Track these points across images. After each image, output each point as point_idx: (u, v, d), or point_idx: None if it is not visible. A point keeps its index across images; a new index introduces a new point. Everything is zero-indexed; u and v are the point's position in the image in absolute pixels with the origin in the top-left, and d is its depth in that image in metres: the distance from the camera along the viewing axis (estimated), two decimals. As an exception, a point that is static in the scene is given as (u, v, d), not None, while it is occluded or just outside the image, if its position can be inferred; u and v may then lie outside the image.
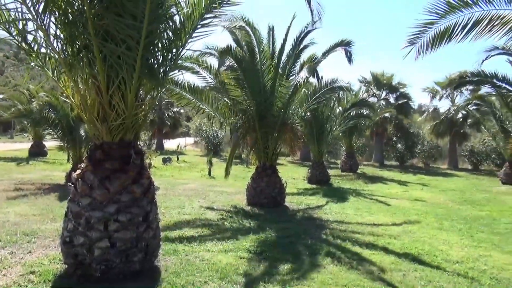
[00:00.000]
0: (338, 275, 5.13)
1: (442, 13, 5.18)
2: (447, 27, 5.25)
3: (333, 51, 10.20)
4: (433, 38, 5.40)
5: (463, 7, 5.00)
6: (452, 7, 5.06)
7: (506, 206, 11.54)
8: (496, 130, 18.24)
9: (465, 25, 5.11)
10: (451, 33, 5.23)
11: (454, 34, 5.21)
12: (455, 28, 5.18)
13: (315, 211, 9.68)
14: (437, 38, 5.37)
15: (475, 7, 4.96)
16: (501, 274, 5.41)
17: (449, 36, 5.25)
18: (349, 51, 9.98)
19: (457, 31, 5.17)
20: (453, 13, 5.12)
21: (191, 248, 6.06)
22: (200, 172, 17.55)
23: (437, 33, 5.35)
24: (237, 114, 10.33)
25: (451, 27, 5.22)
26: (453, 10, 5.09)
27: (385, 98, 28.38)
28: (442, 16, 5.21)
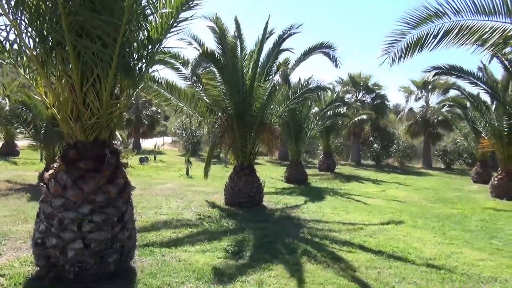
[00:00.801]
0: (315, 274, 5.17)
1: (414, 24, 5.35)
2: (419, 37, 5.41)
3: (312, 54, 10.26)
4: (406, 47, 5.55)
5: (433, 17, 5.16)
6: (424, 17, 5.22)
7: (477, 204, 11.90)
8: (467, 130, 18.78)
9: (436, 34, 5.27)
10: (423, 42, 5.39)
11: (426, 43, 5.37)
12: (427, 38, 5.34)
13: (292, 210, 9.74)
14: (410, 47, 5.52)
15: (444, 18, 5.12)
16: (472, 270, 5.57)
17: (421, 45, 5.40)
18: (333, 55, 10.05)
19: (429, 40, 5.33)
20: (424, 23, 5.28)
21: (167, 249, 6.00)
22: (177, 171, 17.40)
23: (410, 42, 5.50)
24: (216, 114, 10.29)
25: (423, 36, 5.38)
26: (425, 21, 5.25)
27: (362, 99, 28.80)
28: (414, 27, 5.37)
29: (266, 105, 10.03)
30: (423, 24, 5.28)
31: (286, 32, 9.93)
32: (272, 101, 10.47)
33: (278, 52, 10.14)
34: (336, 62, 10.10)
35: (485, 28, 4.78)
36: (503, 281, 5.19)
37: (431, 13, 5.13)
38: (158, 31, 4.98)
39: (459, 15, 5.00)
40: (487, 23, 4.80)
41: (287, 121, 15.43)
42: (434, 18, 5.16)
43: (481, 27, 4.83)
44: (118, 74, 4.76)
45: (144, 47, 5.01)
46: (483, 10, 4.78)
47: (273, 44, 10.07)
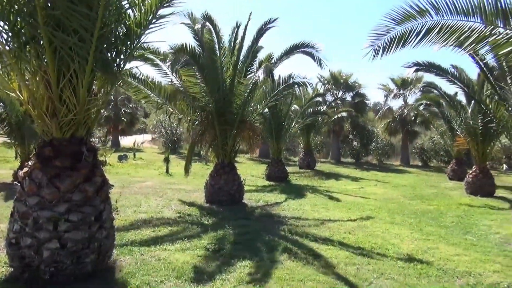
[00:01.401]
0: (295, 271, 5.20)
1: (399, 20, 5.46)
2: (403, 33, 5.52)
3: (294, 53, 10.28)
4: (390, 41, 5.64)
5: (417, 16, 5.26)
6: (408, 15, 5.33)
7: (453, 200, 12.18)
8: (444, 129, 19.20)
9: (419, 32, 5.38)
10: (406, 38, 5.50)
11: (409, 39, 5.48)
12: (410, 34, 5.45)
13: (273, 207, 9.77)
14: (393, 41, 5.62)
15: (427, 16, 5.23)
16: (447, 265, 5.70)
17: (404, 41, 5.51)
18: (317, 55, 10.09)
19: (412, 37, 5.44)
20: (408, 20, 5.39)
21: (147, 248, 5.93)
22: (157, 169, 17.22)
23: (394, 37, 5.60)
24: (196, 111, 10.21)
25: (406, 33, 5.49)
26: (409, 18, 5.35)
27: (342, 97, 29.08)
28: (399, 23, 5.47)
29: (247, 102, 10.01)
30: (407, 21, 5.38)
31: (263, 28, 9.87)
32: (253, 98, 10.46)
33: (256, 49, 10.09)
34: (320, 62, 10.16)
35: (464, 28, 4.90)
36: (477, 275, 5.33)
37: (415, 11, 5.22)
38: (137, 26, 4.90)
39: (441, 14, 5.10)
40: (466, 23, 4.92)
41: (268, 119, 15.49)
42: (417, 16, 5.26)
43: (461, 27, 4.94)
44: (96, 69, 4.67)
45: (122, 42, 4.93)
46: (462, 11, 4.90)
47: (251, 41, 10.02)
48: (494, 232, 7.97)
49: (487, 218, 9.36)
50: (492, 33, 4.64)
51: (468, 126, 13.97)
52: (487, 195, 13.22)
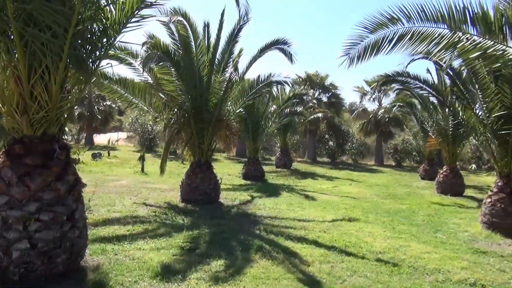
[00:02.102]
0: (270, 269, 5.24)
1: (372, 28, 5.60)
2: (376, 40, 5.65)
3: (268, 51, 10.31)
4: (364, 49, 5.77)
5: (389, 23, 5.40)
6: (380, 23, 5.46)
7: (424, 199, 12.51)
8: (416, 130, 19.69)
9: (391, 39, 5.53)
10: (379, 46, 5.63)
11: (382, 47, 5.62)
12: (383, 42, 5.59)
13: (249, 207, 9.79)
14: (367, 50, 5.75)
15: (399, 24, 5.38)
16: (418, 263, 5.87)
17: (378, 48, 5.64)
18: (289, 50, 10.14)
19: (385, 44, 5.57)
20: (381, 28, 5.53)
21: (121, 247, 5.85)
22: (132, 168, 16.97)
23: (367, 45, 5.73)
24: (172, 109, 10.12)
25: (379, 40, 5.62)
26: (381, 26, 5.49)
27: (318, 97, 29.38)
28: (372, 31, 5.60)
29: (223, 100, 10.00)
30: (380, 29, 5.53)
31: (237, 25, 9.84)
32: (229, 97, 10.46)
33: (233, 46, 10.07)
34: (291, 58, 10.20)
35: (434, 35, 5.06)
36: (446, 272, 5.51)
37: (387, 19, 5.36)
38: (114, 24, 4.82)
39: (412, 22, 5.25)
40: (436, 30, 5.08)
41: (245, 118, 15.52)
42: (389, 24, 5.40)
43: (431, 34, 5.10)
44: (69, 66, 4.57)
45: (98, 40, 4.84)
46: (432, 18, 5.05)
47: (227, 38, 9.98)
48: (463, 230, 8.24)
49: (456, 217, 9.67)
50: (460, 39, 4.80)
51: (439, 128, 14.39)
52: (457, 194, 13.65)
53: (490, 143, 8.57)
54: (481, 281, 5.22)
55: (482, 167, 25.88)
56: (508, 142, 7.99)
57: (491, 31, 4.58)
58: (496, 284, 5.17)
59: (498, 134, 8.04)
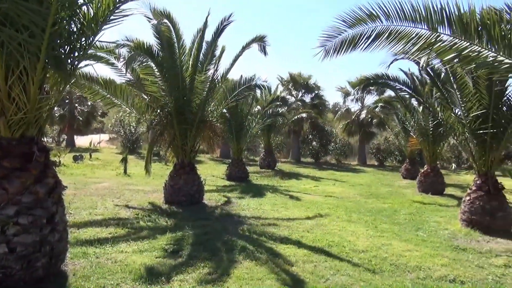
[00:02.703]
0: (254, 270, 5.25)
1: (350, 23, 5.59)
2: (354, 36, 5.66)
3: (249, 47, 10.32)
4: (341, 44, 5.77)
5: (368, 20, 5.42)
6: (359, 18, 5.48)
7: (406, 198, 12.70)
8: (398, 130, 19.98)
9: (369, 36, 5.54)
10: (357, 41, 5.65)
11: (360, 43, 5.63)
12: (361, 38, 5.60)
13: (233, 207, 9.78)
14: (344, 44, 5.75)
15: (377, 21, 5.40)
16: (399, 261, 5.95)
17: (355, 44, 5.66)
18: (263, 44, 10.16)
19: (362, 40, 5.60)
20: (359, 24, 5.54)
21: (102, 250, 5.78)
22: (115, 170, 16.77)
23: (345, 40, 5.73)
24: (155, 110, 10.04)
25: (357, 36, 5.63)
26: (360, 21, 5.50)
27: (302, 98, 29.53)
28: (350, 26, 5.61)
29: (206, 101, 9.97)
30: (358, 25, 5.52)
31: (220, 26, 9.79)
32: (212, 98, 10.43)
33: (215, 47, 10.04)
34: (264, 51, 10.22)
35: (412, 34, 5.11)
36: (427, 269, 5.60)
37: (366, 15, 5.38)
38: (92, 23, 4.76)
39: (391, 20, 5.29)
40: (413, 30, 5.13)
41: (229, 119, 15.51)
42: (368, 20, 5.42)
43: (409, 33, 5.16)
44: (48, 67, 4.49)
45: (77, 39, 4.77)
46: (410, 18, 5.10)
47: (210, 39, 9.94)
48: (443, 228, 8.39)
49: (437, 215, 9.84)
50: (437, 39, 4.88)
51: (420, 128, 14.64)
52: (438, 193, 13.91)
53: (469, 143, 8.75)
54: (461, 277, 5.33)
55: (461, 166, 26.41)
56: (486, 142, 8.17)
57: (467, 33, 4.66)
58: (475, 280, 5.28)
59: (476, 133, 8.22)
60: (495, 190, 8.24)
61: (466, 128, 8.40)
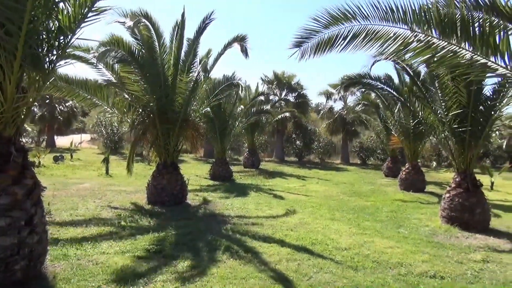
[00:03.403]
0: (237, 269, 5.24)
1: (326, 23, 5.58)
2: (330, 37, 5.65)
3: (231, 47, 10.31)
4: (317, 45, 5.76)
5: (344, 20, 5.42)
6: (335, 18, 5.48)
7: (388, 196, 12.88)
8: (380, 128, 20.22)
9: (346, 36, 5.54)
10: (333, 42, 5.64)
11: (336, 44, 5.63)
12: (337, 39, 5.60)
13: (217, 207, 9.75)
14: (320, 45, 5.74)
15: (354, 21, 5.40)
16: (381, 257, 6.03)
17: (331, 45, 5.65)
18: (244, 45, 10.15)
19: (339, 41, 5.60)
20: (336, 24, 5.54)
21: (84, 252, 5.69)
22: (96, 170, 16.51)
23: (321, 41, 5.72)
24: (137, 110, 9.93)
25: (333, 37, 5.63)
26: (336, 22, 5.50)
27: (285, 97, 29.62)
28: (326, 26, 5.60)
29: (189, 101, 9.91)
30: (334, 25, 5.51)
31: (202, 24, 9.75)
32: (195, 97, 10.37)
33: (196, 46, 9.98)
34: (246, 53, 10.22)
35: (389, 34, 5.15)
36: (408, 266, 5.69)
37: (342, 15, 5.38)
38: (70, 21, 4.67)
39: (367, 20, 5.31)
40: (391, 29, 5.17)
41: (212, 118, 15.46)
42: (344, 20, 5.42)
43: (386, 33, 5.19)
44: (25, 65, 4.39)
45: (55, 37, 4.68)
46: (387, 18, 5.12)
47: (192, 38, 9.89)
48: (424, 225, 8.54)
49: (418, 212, 10.01)
50: (415, 39, 4.92)
51: (401, 126, 14.86)
52: (419, 190, 14.15)
53: (448, 141, 8.91)
54: (441, 273, 5.43)
55: (442, 164, 26.91)
56: (464, 140, 8.34)
57: (444, 32, 4.73)
58: (454, 275, 5.39)
59: (456, 132, 8.39)
60: (474, 187, 8.41)
61: (446, 126, 8.56)
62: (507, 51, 4.44)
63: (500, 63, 4.56)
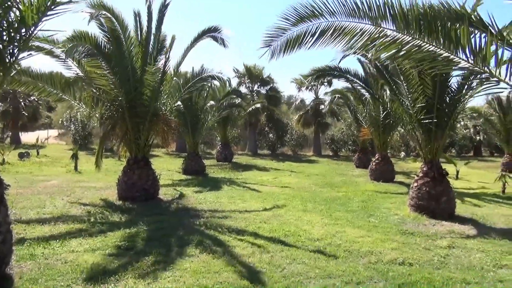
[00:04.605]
0: (210, 263, 5.23)
1: (294, 21, 5.61)
2: (298, 34, 5.69)
3: (202, 39, 10.19)
4: (286, 43, 5.79)
5: (311, 17, 5.46)
6: (302, 16, 5.51)
7: (359, 187, 13.14)
8: (351, 120, 20.59)
9: (314, 33, 5.59)
10: (302, 40, 5.68)
11: (305, 41, 5.67)
12: (306, 36, 5.64)
13: (189, 201, 9.68)
14: (289, 43, 5.78)
15: (321, 18, 5.45)
16: (352, 247, 6.16)
17: (300, 42, 5.69)
18: (219, 36, 10.06)
19: (307, 38, 5.63)
20: (304, 22, 5.57)
21: (52, 251, 5.54)
22: (65, 167, 16.06)
23: (290, 38, 5.75)
24: (105, 104, 9.68)
25: (302, 34, 5.66)
26: (304, 19, 5.53)
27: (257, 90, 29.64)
28: (294, 24, 5.64)
29: (159, 94, 9.74)
30: (302, 22, 5.54)
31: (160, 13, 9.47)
32: (165, 90, 10.21)
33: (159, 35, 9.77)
34: (223, 43, 10.14)
35: (356, 30, 5.23)
36: (378, 254, 5.84)
37: (309, 12, 5.41)
38: (32, 12, 4.48)
39: (335, 16, 5.36)
40: (358, 25, 5.24)
41: (183, 112, 15.30)
42: (312, 17, 5.45)
43: (353, 29, 5.26)
44: (-16, 58, 4.20)
45: (15, 29, 4.48)
46: (354, 14, 5.20)
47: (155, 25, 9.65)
48: (393, 214, 8.77)
49: (387, 202, 10.27)
50: (381, 35, 5.02)
51: (371, 118, 15.16)
52: (388, 180, 14.51)
53: (416, 132, 9.16)
54: (409, 259, 5.60)
55: (410, 154, 27.67)
56: (431, 131, 8.59)
57: (409, 27, 4.84)
58: (422, 261, 5.57)
59: (422, 123, 8.63)
60: (440, 176, 8.69)
61: (413, 118, 8.78)
62: (468, 45, 4.58)
63: (462, 57, 4.71)
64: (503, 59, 4.46)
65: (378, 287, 4.69)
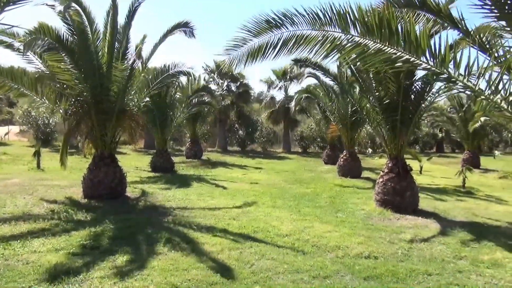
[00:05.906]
0: (179, 261, 5.19)
1: (255, 32, 5.63)
2: (260, 46, 5.70)
3: (172, 34, 10.06)
4: (247, 54, 5.78)
5: (273, 27, 5.50)
6: (263, 27, 5.55)
7: (327, 183, 13.35)
8: (319, 117, 20.86)
9: (276, 44, 5.63)
10: (264, 51, 5.70)
11: (267, 53, 5.70)
12: (267, 47, 5.67)
13: (158, 199, 9.54)
14: (251, 54, 5.77)
15: (283, 28, 5.50)
16: (320, 242, 6.26)
17: (262, 54, 5.71)
18: (189, 30, 9.94)
19: (269, 50, 5.67)
20: (265, 33, 5.59)
21: (12, 251, 5.34)
22: (26, 165, 15.44)
23: (251, 50, 5.75)
24: (69, 99, 9.37)
25: (263, 46, 5.68)
26: (265, 30, 5.56)
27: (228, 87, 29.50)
28: (255, 35, 5.65)
29: (126, 90, 9.53)
30: (264, 33, 5.57)
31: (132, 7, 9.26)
32: (132, 86, 10.00)
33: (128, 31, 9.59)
34: (192, 33, 10.04)
35: (318, 37, 5.32)
36: (345, 248, 5.96)
37: (270, 24, 5.44)
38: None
39: (295, 26, 5.42)
40: (319, 33, 5.33)
41: (152, 109, 15.04)
42: (273, 28, 5.49)
43: (315, 37, 5.34)
44: None
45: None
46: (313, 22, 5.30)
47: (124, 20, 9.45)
48: (360, 209, 8.97)
49: (354, 197, 10.49)
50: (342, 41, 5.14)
51: (340, 115, 15.42)
52: (355, 176, 14.83)
53: (382, 128, 9.40)
54: (374, 253, 5.76)
55: (377, 151, 28.37)
56: (396, 127, 8.84)
57: (370, 32, 4.98)
58: (387, 255, 5.73)
59: (388, 120, 8.87)
60: (404, 172, 8.96)
61: (379, 115, 9.00)
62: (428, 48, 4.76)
63: (422, 59, 4.89)
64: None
65: (345, 280, 4.79)
